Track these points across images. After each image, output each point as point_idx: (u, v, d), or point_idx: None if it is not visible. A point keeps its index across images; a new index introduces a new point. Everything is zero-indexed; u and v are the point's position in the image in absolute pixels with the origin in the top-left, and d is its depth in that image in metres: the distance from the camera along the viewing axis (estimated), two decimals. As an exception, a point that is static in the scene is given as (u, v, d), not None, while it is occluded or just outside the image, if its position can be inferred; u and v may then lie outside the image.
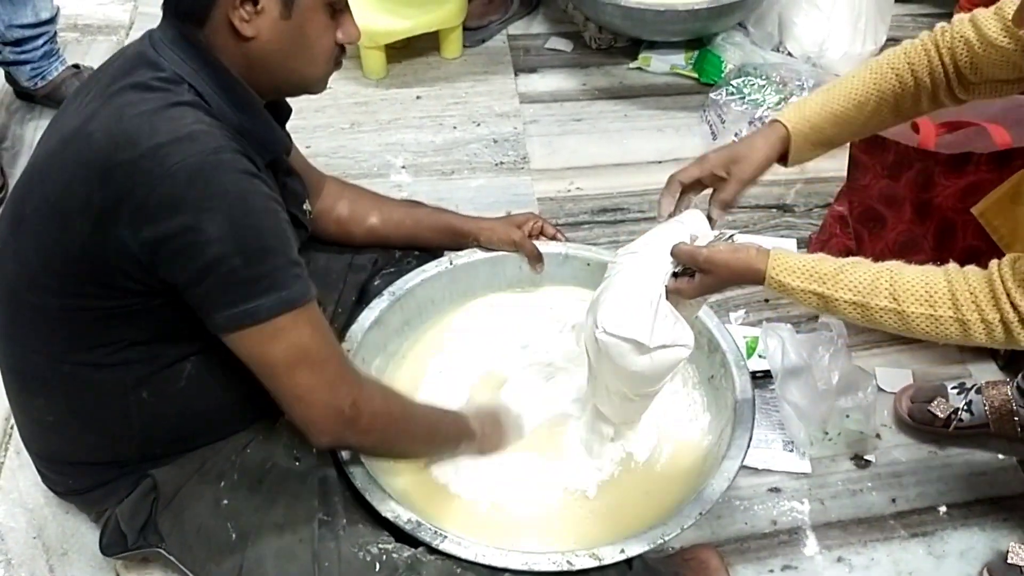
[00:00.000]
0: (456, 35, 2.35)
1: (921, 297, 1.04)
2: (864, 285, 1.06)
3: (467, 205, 1.90)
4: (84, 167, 0.98)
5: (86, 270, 1.01)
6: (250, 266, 0.98)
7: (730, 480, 1.18)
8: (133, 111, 0.98)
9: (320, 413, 1.05)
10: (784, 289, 1.10)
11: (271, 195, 1.03)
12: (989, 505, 1.44)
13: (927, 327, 1.04)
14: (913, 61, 1.20)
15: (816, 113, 1.22)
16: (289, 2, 1.02)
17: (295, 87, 1.13)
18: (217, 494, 1.14)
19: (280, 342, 1.01)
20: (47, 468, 1.24)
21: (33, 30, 2.04)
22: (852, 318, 1.08)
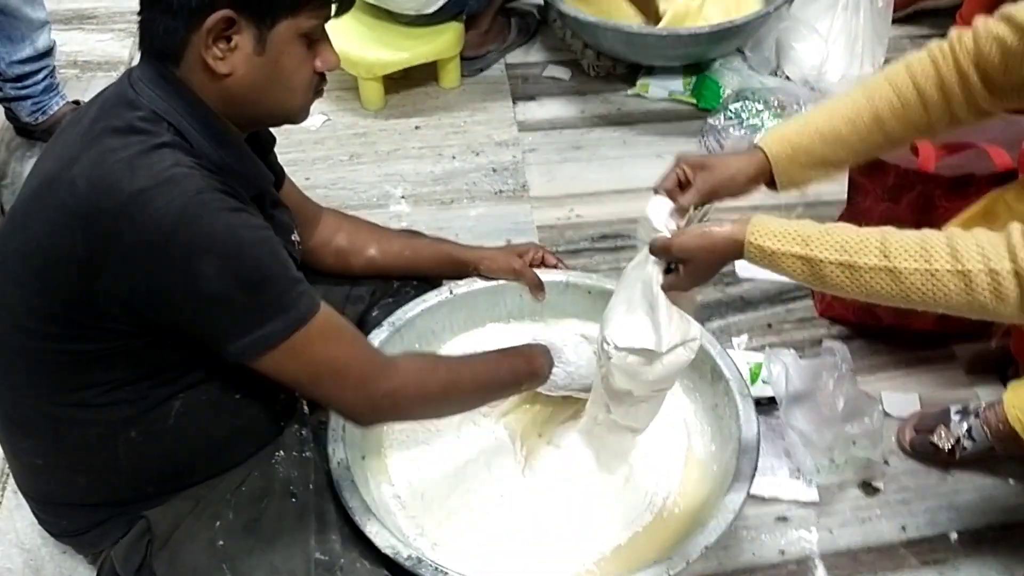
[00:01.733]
0: (454, 65, 2.35)
1: (915, 252, 0.96)
2: (851, 244, 0.99)
3: (467, 234, 1.89)
4: (66, 214, 0.98)
5: (72, 315, 1.00)
6: (254, 297, 0.99)
7: (736, 512, 1.17)
8: (113, 157, 0.97)
9: (356, 408, 1.10)
10: (765, 255, 1.04)
11: (260, 224, 1.03)
12: (1001, 531, 1.42)
13: (924, 286, 0.95)
14: (916, 73, 1.15)
15: (797, 132, 1.19)
16: (263, 37, 1.02)
17: (276, 118, 1.13)
18: (212, 535, 1.12)
19: (298, 360, 1.03)
20: (41, 510, 1.23)
21: (33, 64, 2.05)
22: (841, 284, 1.00)
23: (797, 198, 2.01)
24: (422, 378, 1.14)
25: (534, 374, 1.27)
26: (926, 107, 1.15)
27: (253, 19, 1.00)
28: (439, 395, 1.16)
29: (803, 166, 1.20)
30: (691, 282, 1.13)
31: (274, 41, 1.02)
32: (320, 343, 1.04)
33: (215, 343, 1.01)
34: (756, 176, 1.21)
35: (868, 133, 1.17)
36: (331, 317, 1.07)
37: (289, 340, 1.00)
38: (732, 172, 1.20)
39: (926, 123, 1.17)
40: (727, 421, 1.32)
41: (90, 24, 2.62)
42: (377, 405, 1.09)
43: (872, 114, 1.16)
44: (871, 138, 1.18)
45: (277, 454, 1.20)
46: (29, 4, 2.00)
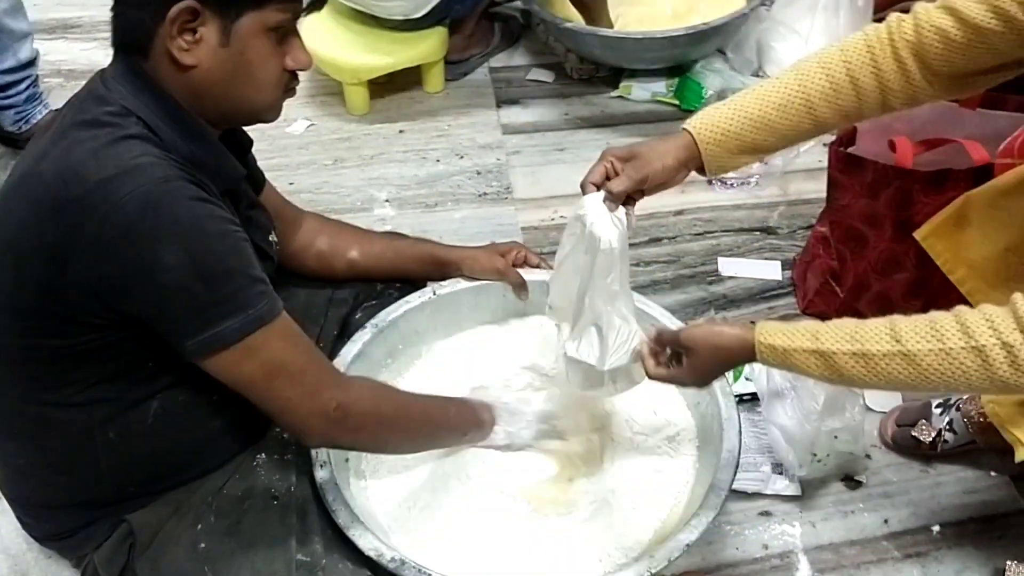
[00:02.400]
0: (438, 69, 2.36)
1: (925, 333, 0.94)
2: (861, 334, 0.98)
3: (451, 237, 1.90)
4: (34, 205, 0.99)
5: (45, 308, 1.01)
6: (212, 290, 0.98)
7: (718, 508, 1.17)
8: (80, 148, 0.98)
9: (305, 420, 1.07)
10: (777, 354, 1.02)
11: (226, 217, 1.03)
12: (983, 523, 1.43)
13: (940, 366, 0.94)
14: (851, 60, 1.11)
15: (727, 118, 1.15)
16: (227, 29, 1.02)
17: (244, 115, 1.12)
18: (194, 538, 1.12)
19: (254, 360, 1.01)
20: (24, 513, 1.23)
21: (16, 74, 2.06)
22: (859, 376, 0.98)
23: (780, 196, 2.04)
24: (375, 397, 1.15)
25: (478, 425, 1.28)
26: (859, 95, 1.12)
27: (218, 11, 1.01)
28: (390, 419, 1.15)
29: (732, 152, 1.17)
30: (691, 378, 1.13)
31: (239, 34, 1.03)
32: (278, 345, 1.03)
33: (174, 338, 1.00)
34: (685, 161, 1.17)
35: (799, 120, 1.14)
36: (290, 324, 1.06)
37: (247, 339, 1.00)
38: (664, 160, 1.16)
39: (857, 110, 1.14)
40: (709, 419, 1.33)
41: (74, 33, 2.64)
42: (328, 417, 1.06)
43: (804, 101, 1.13)
44: (801, 125, 1.15)
45: (259, 457, 1.20)
46: (11, 16, 2.01)
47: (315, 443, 1.14)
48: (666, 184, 1.18)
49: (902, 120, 1.64)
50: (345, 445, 1.19)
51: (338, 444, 1.16)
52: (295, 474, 1.19)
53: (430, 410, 1.23)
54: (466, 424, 1.26)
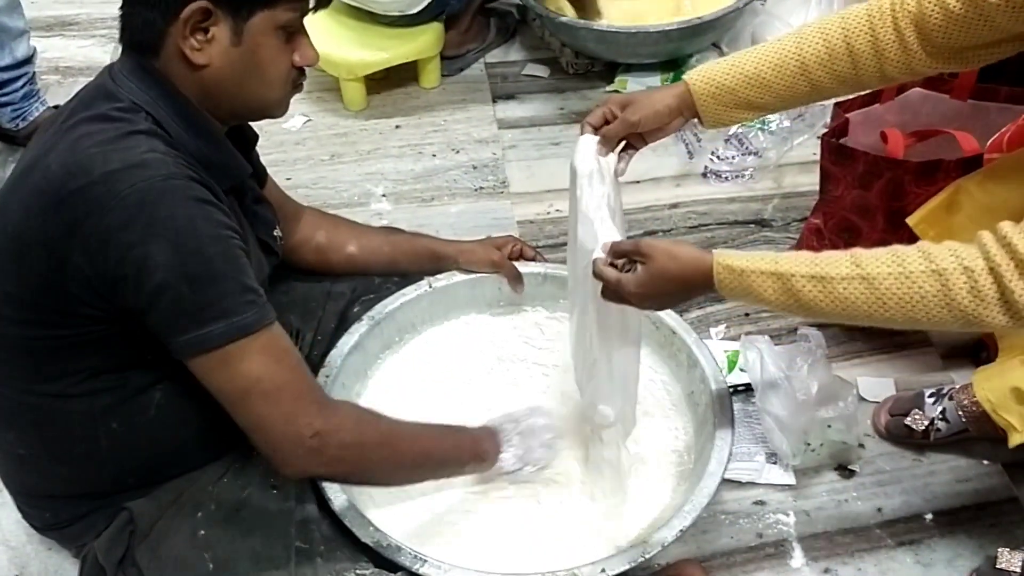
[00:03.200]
0: (434, 65, 2.37)
1: (886, 259, 0.94)
2: (821, 259, 0.97)
3: (448, 231, 1.91)
4: (39, 197, 0.99)
5: (46, 300, 1.02)
6: (198, 292, 0.97)
7: (711, 495, 1.18)
8: (88, 141, 0.99)
9: (279, 444, 1.02)
10: (734, 274, 1.01)
11: (223, 222, 1.02)
12: (975, 511, 1.44)
13: (899, 290, 0.93)
14: (850, 28, 1.13)
15: (724, 73, 1.18)
16: (239, 28, 1.03)
17: (254, 112, 1.14)
18: (194, 525, 1.13)
19: (231, 370, 0.99)
20: (24, 503, 1.24)
21: (12, 72, 2.06)
22: (815, 300, 0.97)
23: (774, 189, 2.05)
24: (359, 427, 1.08)
25: (479, 457, 1.20)
26: (855, 62, 1.14)
27: (230, 10, 1.02)
28: (374, 451, 1.09)
29: (727, 106, 1.20)
30: (640, 287, 1.07)
31: (251, 33, 1.04)
32: (258, 359, 0.99)
33: (162, 336, 1.00)
34: (679, 109, 1.21)
35: (793, 81, 1.17)
36: (280, 339, 1.04)
37: (226, 347, 0.98)
38: (656, 106, 1.21)
39: (854, 78, 1.16)
40: (703, 408, 1.34)
41: (71, 30, 2.64)
42: (304, 444, 1.01)
43: (799, 63, 1.16)
44: (797, 86, 1.18)
45: (257, 447, 1.20)
46: (7, 13, 2.01)
47: (290, 472, 1.05)
48: (661, 131, 1.24)
49: (893, 111, 1.65)
50: (323, 477, 1.12)
51: (315, 475, 1.10)
52: (293, 463, 1.20)
53: (422, 441, 1.16)
54: (464, 456, 1.19)
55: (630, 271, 1.09)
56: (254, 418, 1.02)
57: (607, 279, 1.10)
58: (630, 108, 1.21)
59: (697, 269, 1.04)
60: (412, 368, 1.48)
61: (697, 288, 1.07)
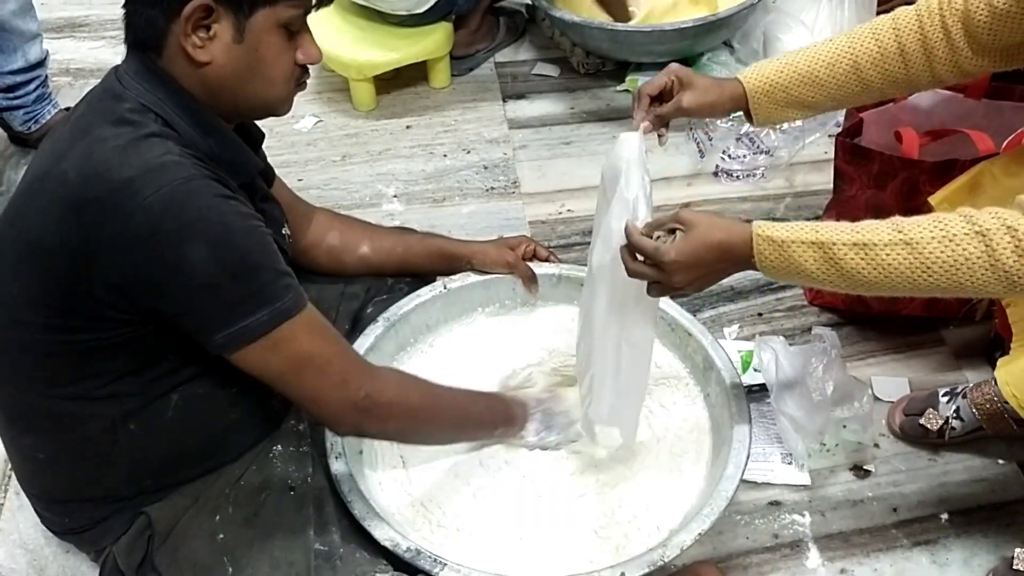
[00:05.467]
0: (444, 65, 2.37)
1: (928, 224, 0.93)
2: (863, 226, 0.96)
3: (459, 231, 1.91)
4: (58, 205, 1.00)
5: (69, 305, 1.02)
6: (240, 285, 0.99)
7: (729, 498, 1.18)
8: (103, 147, 0.99)
9: (334, 410, 1.08)
10: (775, 245, 0.99)
11: (249, 212, 1.04)
12: (991, 511, 1.44)
13: (943, 254, 0.92)
14: (901, 27, 1.16)
15: (777, 71, 1.21)
16: (241, 26, 1.03)
17: (258, 109, 1.14)
18: (212, 528, 1.14)
19: (281, 352, 1.03)
20: (43, 507, 1.24)
21: (25, 75, 2.07)
22: (858, 268, 0.95)
23: (786, 188, 2.05)
24: (403, 387, 1.16)
25: (509, 421, 1.28)
26: (906, 62, 1.16)
27: (231, 8, 1.02)
28: (418, 409, 1.16)
29: (779, 104, 1.23)
30: (679, 255, 1.03)
31: (252, 30, 1.04)
32: (305, 338, 1.04)
33: (201, 333, 1.02)
34: (733, 107, 1.25)
35: (845, 79, 1.19)
36: (317, 315, 1.08)
37: (273, 332, 1.01)
38: (713, 99, 1.24)
39: (905, 78, 1.18)
40: (719, 409, 1.34)
41: (82, 32, 2.64)
42: (357, 406, 1.08)
43: (851, 61, 1.18)
44: (848, 85, 1.20)
45: (275, 448, 1.21)
46: (20, 17, 2.01)
47: (344, 431, 1.15)
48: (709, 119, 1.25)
49: (908, 111, 1.65)
50: (374, 434, 1.20)
51: (367, 433, 1.18)
52: (311, 465, 1.21)
53: (460, 402, 1.24)
54: (497, 419, 1.26)
55: (666, 237, 1.06)
56: (310, 392, 1.07)
57: (644, 247, 1.05)
58: (688, 94, 1.23)
59: (738, 239, 1.02)
60: (427, 369, 1.47)
61: (736, 260, 1.04)
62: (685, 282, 1.06)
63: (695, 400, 1.41)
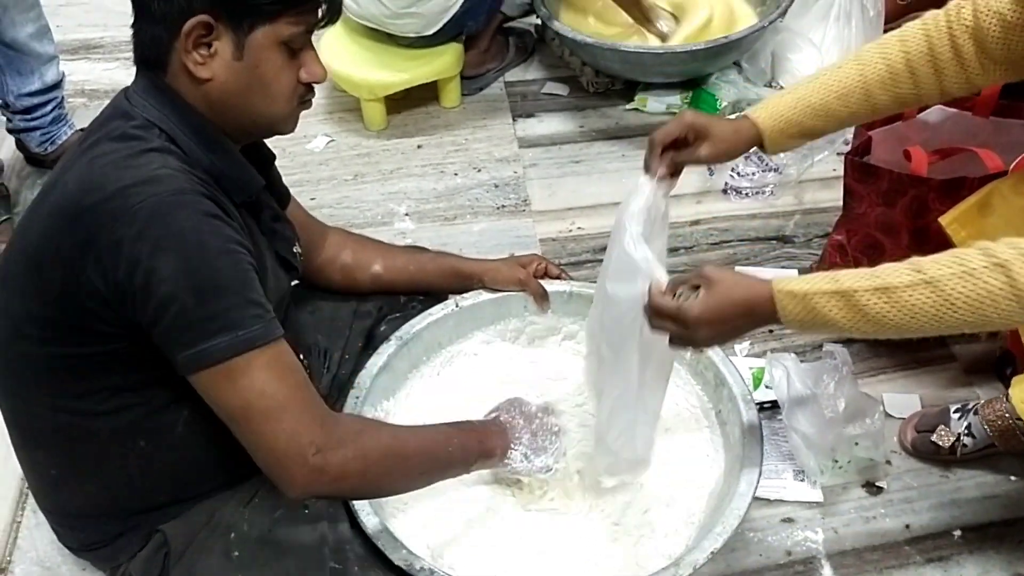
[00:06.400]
0: (454, 84, 2.39)
1: (946, 261, 0.93)
2: (880, 271, 0.96)
3: (470, 249, 1.92)
4: (56, 215, 1.02)
5: (64, 317, 1.03)
6: (203, 305, 0.97)
7: (742, 516, 1.18)
8: (103, 160, 1.01)
9: (281, 463, 1.01)
10: (797, 299, 0.99)
11: (233, 237, 1.03)
12: (1004, 527, 1.44)
13: (965, 289, 0.92)
14: (909, 48, 1.17)
15: (790, 108, 1.23)
16: (241, 43, 1.04)
17: (261, 127, 1.14)
18: (227, 547, 1.14)
19: (234, 385, 0.98)
20: (57, 523, 1.25)
21: (41, 96, 2.09)
22: (882, 313, 0.95)
23: (795, 205, 2.06)
24: (361, 438, 1.06)
25: (485, 454, 1.20)
26: (915, 80, 1.18)
27: (231, 25, 1.03)
28: (378, 462, 1.07)
29: (791, 137, 1.26)
30: (702, 312, 1.04)
31: (252, 47, 1.05)
32: (262, 375, 0.98)
33: (168, 351, 1.00)
34: (748, 148, 1.27)
35: (857, 107, 1.22)
36: (285, 355, 1.03)
37: (231, 361, 0.97)
38: (729, 147, 1.25)
39: (915, 96, 1.20)
40: (731, 427, 1.35)
41: (96, 54, 2.68)
42: (307, 462, 1.00)
43: (863, 89, 1.20)
44: (859, 111, 1.23)
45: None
46: (38, 39, 2.04)
47: (295, 493, 1.02)
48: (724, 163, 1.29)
49: (916, 129, 1.66)
50: (329, 495, 1.09)
51: (320, 494, 1.07)
52: (324, 483, 1.20)
53: (428, 446, 1.15)
54: (470, 456, 1.18)
55: (689, 299, 1.07)
56: (255, 436, 1.01)
57: (666, 308, 1.07)
58: (706, 146, 1.23)
59: (760, 297, 1.03)
60: (440, 388, 1.48)
61: (759, 316, 1.04)
62: (708, 338, 1.08)
63: (707, 417, 1.41)
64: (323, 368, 1.42)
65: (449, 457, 1.16)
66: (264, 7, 1.04)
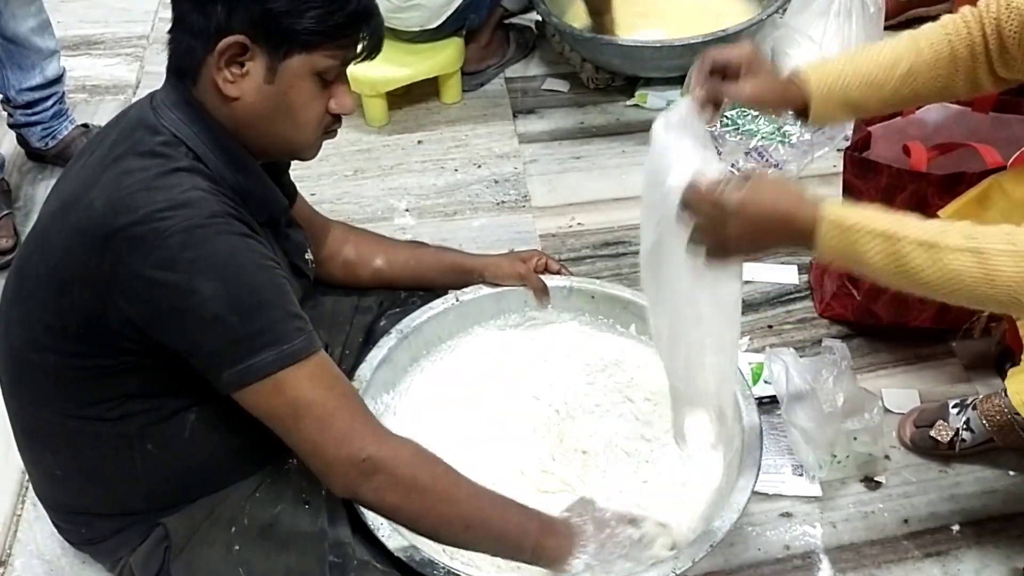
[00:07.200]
0: (455, 80, 2.39)
1: (999, 235, 0.91)
2: (935, 226, 0.94)
3: (470, 245, 1.93)
4: (83, 234, 1.00)
5: (85, 333, 1.03)
6: (248, 322, 0.98)
7: (740, 510, 1.19)
8: (132, 179, 1.00)
9: (330, 465, 1.03)
10: (842, 230, 0.95)
11: (266, 254, 1.04)
12: (1003, 522, 1.44)
13: (1010, 268, 0.90)
14: (951, 33, 1.18)
15: (839, 71, 1.19)
16: (274, 67, 1.04)
17: (283, 151, 1.14)
18: (228, 540, 1.14)
19: (283, 396, 1.00)
20: (59, 519, 1.26)
21: (43, 91, 2.10)
22: (920, 268, 0.93)
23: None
24: (415, 462, 1.05)
25: (541, 548, 1.07)
26: (956, 66, 1.18)
27: (267, 48, 1.03)
28: (426, 491, 1.04)
29: (835, 105, 1.21)
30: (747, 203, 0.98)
31: (285, 74, 1.04)
32: (309, 384, 1.01)
33: (211, 371, 1.01)
34: (786, 107, 1.21)
35: (900, 85, 1.19)
36: (329, 365, 1.05)
37: (279, 374, 0.99)
38: (772, 96, 1.19)
39: (950, 85, 1.19)
40: (731, 421, 1.34)
41: (97, 49, 2.68)
42: (357, 467, 1.01)
43: (908, 65, 1.18)
44: (901, 90, 1.20)
45: (291, 461, 1.21)
46: (39, 34, 2.04)
47: (339, 490, 1.05)
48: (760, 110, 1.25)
49: (915, 125, 1.66)
50: (370, 503, 1.07)
51: (362, 498, 1.06)
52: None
53: (483, 505, 1.08)
54: (525, 541, 1.07)
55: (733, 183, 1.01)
56: (308, 444, 1.03)
57: (707, 191, 1.00)
58: (752, 83, 1.16)
59: (804, 215, 0.98)
60: (440, 381, 1.49)
61: (794, 235, 0.99)
62: (739, 233, 1.01)
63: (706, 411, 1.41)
64: (324, 363, 1.42)
65: (503, 529, 1.08)
66: (303, 37, 1.03)
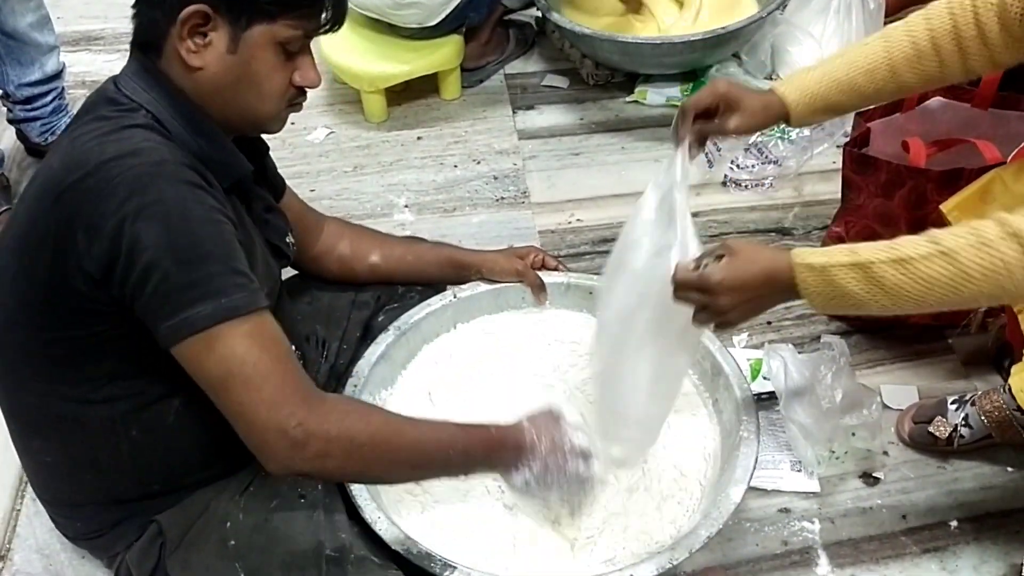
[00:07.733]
0: (454, 77, 2.39)
1: (961, 232, 0.94)
2: (898, 243, 0.98)
3: (469, 241, 1.93)
4: (42, 197, 1.02)
5: (54, 298, 1.02)
6: (185, 272, 0.96)
7: (737, 502, 1.19)
8: (86, 137, 1.01)
9: (261, 436, 0.98)
10: (815, 271, 1.00)
11: (216, 207, 1.02)
12: (1001, 518, 1.44)
13: (980, 259, 0.93)
14: (934, 26, 1.17)
15: (816, 83, 1.23)
16: (236, 37, 1.04)
17: (247, 123, 1.13)
18: (223, 535, 1.14)
19: (215, 354, 0.97)
20: (54, 512, 1.26)
21: (42, 87, 2.10)
22: (899, 284, 0.97)
23: (794, 197, 2.06)
24: (348, 420, 1.02)
25: (489, 462, 1.13)
26: (941, 61, 1.18)
27: (228, 18, 1.03)
28: (364, 445, 1.03)
29: (817, 111, 1.25)
30: (725, 276, 1.04)
31: (247, 43, 1.05)
32: (243, 343, 0.97)
33: (151, 323, 0.98)
34: (774, 123, 1.27)
35: (883, 83, 1.21)
36: (269, 326, 1.00)
37: (213, 329, 0.96)
38: (757, 120, 1.25)
39: (939, 75, 1.20)
40: (728, 415, 1.35)
41: (97, 45, 2.68)
42: (287, 436, 0.97)
43: (888, 66, 1.20)
44: (884, 88, 1.22)
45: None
46: (38, 29, 2.04)
47: (274, 467, 1.00)
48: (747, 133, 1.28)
49: (915, 121, 1.66)
50: (309, 474, 1.05)
51: (301, 471, 1.02)
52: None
53: (425, 444, 1.09)
54: (472, 462, 1.13)
55: (711, 263, 1.07)
56: (236, 405, 0.98)
57: (690, 276, 1.07)
58: (736, 118, 1.23)
59: (781, 266, 1.04)
60: (438, 375, 1.49)
61: (780, 287, 1.05)
62: (731, 305, 1.07)
63: (704, 406, 1.41)
64: (321, 358, 1.42)
65: (447, 460, 1.11)
66: (264, 6, 1.03)
